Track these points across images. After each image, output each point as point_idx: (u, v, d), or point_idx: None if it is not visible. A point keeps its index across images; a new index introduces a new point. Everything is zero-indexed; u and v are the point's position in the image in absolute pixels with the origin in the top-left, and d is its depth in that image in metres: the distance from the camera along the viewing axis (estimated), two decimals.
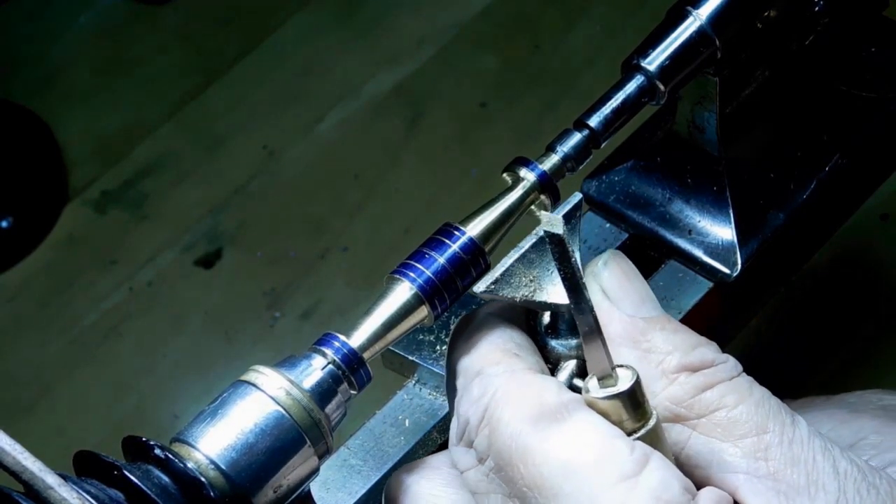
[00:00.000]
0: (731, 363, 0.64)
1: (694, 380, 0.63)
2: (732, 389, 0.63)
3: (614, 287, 0.65)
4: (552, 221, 0.58)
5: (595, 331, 0.59)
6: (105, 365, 1.24)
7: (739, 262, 0.77)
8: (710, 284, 0.78)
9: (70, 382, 1.23)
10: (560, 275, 0.58)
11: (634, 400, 0.60)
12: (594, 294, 0.64)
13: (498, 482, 0.62)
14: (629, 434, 0.60)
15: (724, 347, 0.66)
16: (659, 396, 0.63)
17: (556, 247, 0.58)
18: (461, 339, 0.66)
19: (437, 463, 0.66)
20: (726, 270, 0.77)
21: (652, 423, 0.61)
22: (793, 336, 1.12)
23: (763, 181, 0.80)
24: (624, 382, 0.61)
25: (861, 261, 1.16)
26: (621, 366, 0.61)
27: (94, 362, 1.24)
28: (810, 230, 0.83)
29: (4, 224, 1.33)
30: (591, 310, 0.59)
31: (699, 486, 0.62)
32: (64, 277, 1.30)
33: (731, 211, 0.78)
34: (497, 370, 0.63)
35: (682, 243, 0.78)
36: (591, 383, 0.61)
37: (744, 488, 0.61)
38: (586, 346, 0.60)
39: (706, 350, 0.64)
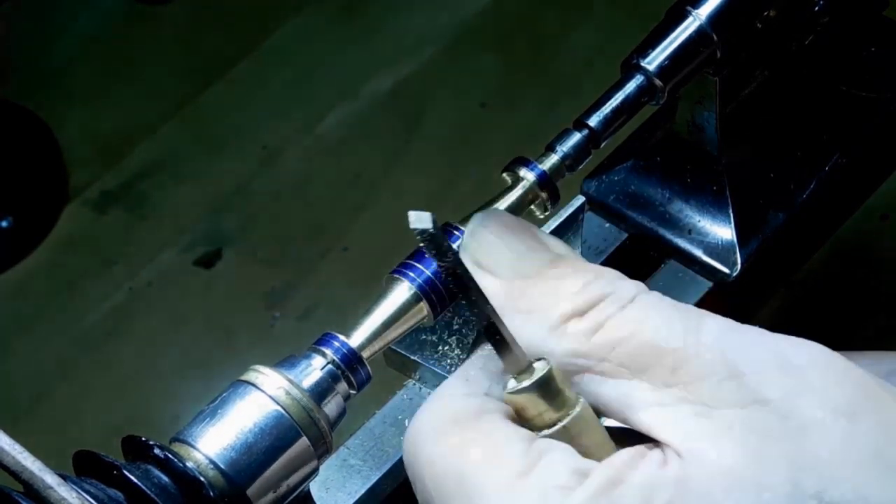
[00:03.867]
0: (623, 290, 0.58)
1: (583, 325, 0.58)
2: (626, 321, 0.57)
3: (484, 254, 0.61)
4: (420, 217, 0.55)
5: (494, 326, 0.56)
6: (105, 365, 1.24)
7: (739, 261, 0.77)
8: (710, 284, 0.78)
9: (70, 382, 1.23)
10: (441, 272, 0.55)
11: (548, 390, 0.57)
12: (468, 268, 0.58)
13: None
14: (553, 424, 0.58)
15: None
16: (556, 354, 0.58)
17: (428, 243, 0.55)
18: None
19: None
20: (726, 270, 0.77)
21: (576, 410, 0.58)
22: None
23: (763, 181, 0.80)
24: (536, 374, 0.58)
25: (861, 261, 1.16)
26: (541, 359, 0.58)
27: (94, 362, 1.24)
28: (810, 230, 0.83)
29: (4, 224, 1.33)
30: (486, 303, 0.56)
31: (625, 435, 0.58)
32: (64, 277, 1.30)
33: (730, 210, 0.78)
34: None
35: (682, 243, 0.78)
36: (511, 381, 0.59)
37: (656, 423, 0.56)
38: (493, 345, 0.57)
39: (595, 286, 0.58)
